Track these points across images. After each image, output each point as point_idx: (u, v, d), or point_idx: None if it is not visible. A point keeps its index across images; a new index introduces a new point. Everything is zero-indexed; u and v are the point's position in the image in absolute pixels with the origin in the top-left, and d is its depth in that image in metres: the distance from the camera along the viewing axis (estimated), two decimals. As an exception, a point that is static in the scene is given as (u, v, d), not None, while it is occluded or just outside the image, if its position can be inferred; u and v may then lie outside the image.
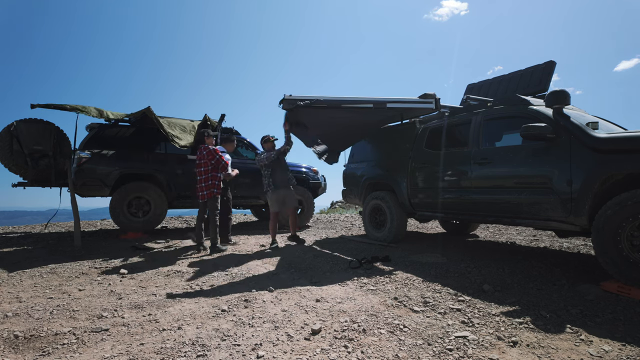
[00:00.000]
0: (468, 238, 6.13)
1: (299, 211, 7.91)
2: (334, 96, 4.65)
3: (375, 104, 4.70)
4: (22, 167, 6.13)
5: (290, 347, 2.20)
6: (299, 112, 4.87)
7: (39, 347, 2.25)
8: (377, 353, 2.10)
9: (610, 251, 2.99)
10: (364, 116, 5.08)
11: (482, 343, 2.20)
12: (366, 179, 6.10)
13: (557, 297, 2.96)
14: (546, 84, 4.77)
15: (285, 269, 4.13)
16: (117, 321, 2.64)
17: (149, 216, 6.50)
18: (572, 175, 3.30)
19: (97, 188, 6.20)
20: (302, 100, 4.52)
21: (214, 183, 5.15)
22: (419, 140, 5.21)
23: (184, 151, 6.81)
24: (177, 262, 4.55)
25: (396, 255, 4.65)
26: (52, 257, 4.87)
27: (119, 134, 6.63)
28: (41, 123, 6.18)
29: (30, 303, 3.07)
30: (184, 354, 2.11)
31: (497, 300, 2.95)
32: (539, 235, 6.18)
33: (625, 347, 2.11)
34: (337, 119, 5.07)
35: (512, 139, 4.11)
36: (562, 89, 3.61)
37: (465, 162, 4.35)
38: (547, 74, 4.80)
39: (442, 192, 4.69)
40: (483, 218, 4.27)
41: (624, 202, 2.90)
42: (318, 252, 5.06)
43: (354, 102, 4.70)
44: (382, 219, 5.75)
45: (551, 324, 2.45)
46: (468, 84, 6.04)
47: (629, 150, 2.97)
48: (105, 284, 3.64)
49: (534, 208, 3.63)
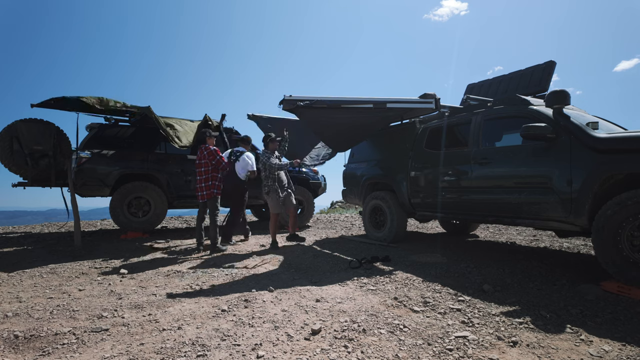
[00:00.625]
0: (468, 238, 6.13)
1: (299, 211, 7.94)
2: (334, 96, 4.65)
3: (375, 104, 4.70)
4: (22, 167, 6.13)
5: (290, 347, 2.20)
6: (299, 113, 4.87)
7: (39, 347, 2.25)
8: (377, 353, 2.10)
9: (610, 251, 2.99)
10: (365, 117, 5.08)
11: (482, 343, 2.20)
12: (366, 178, 6.10)
13: (557, 297, 2.96)
14: (546, 84, 4.77)
15: (285, 269, 4.13)
16: (117, 321, 2.64)
17: (149, 216, 6.50)
18: (572, 175, 3.29)
19: (97, 188, 6.19)
20: (302, 100, 4.52)
21: (214, 183, 5.16)
22: (419, 140, 5.20)
23: (184, 151, 6.82)
24: (177, 262, 4.55)
25: (396, 255, 4.65)
26: (52, 257, 4.87)
27: (119, 134, 6.63)
28: (41, 123, 6.18)
29: (30, 303, 3.07)
30: (184, 354, 2.11)
31: (497, 300, 2.95)
32: (539, 235, 6.18)
33: (625, 347, 2.11)
34: (337, 119, 5.07)
35: (512, 139, 4.10)
36: (562, 89, 3.61)
37: (466, 162, 4.35)
38: (547, 74, 4.80)
39: (442, 192, 4.69)
40: (483, 218, 4.27)
41: (624, 202, 2.89)
42: (318, 252, 5.06)
43: (354, 102, 4.70)
44: (382, 219, 5.75)
45: (551, 324, 2.45)
46: (468, 84, 6.05)
47: (629, 150, 2.97)
48: (105, 284, 3.64)
49: (534, 208, 3.63)
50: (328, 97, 4.62)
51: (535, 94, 4.70)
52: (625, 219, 2.89)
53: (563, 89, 3.61)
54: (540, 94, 4.72)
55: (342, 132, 5.58)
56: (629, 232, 2.91)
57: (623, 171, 3.03)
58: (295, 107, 4.56)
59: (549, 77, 4.78)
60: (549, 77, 4.78)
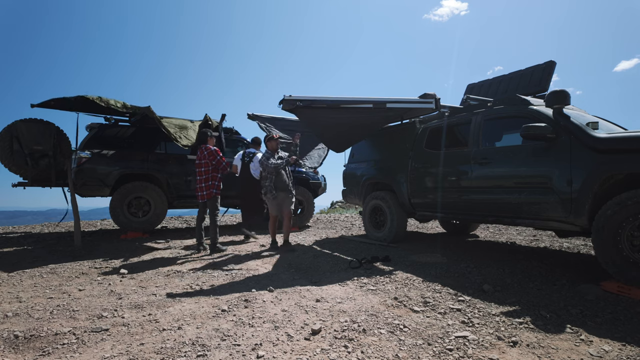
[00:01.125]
0: (468, 238, 6.13)
1: (299, 211, 7.95)
2: (334, 96, 4.65)
3: (375, 104, 4.69)
4: (22, 167, 6.14)
5: (290, 347, 2.19)
6: (298, 113, 4.87)
7: (39, 347, 2.24)
8: (377, 353, 2.10)
9: (610, 251, 2.99)
10: (365, 117, 5.08)
11: (482, 343, 2.20)
12: (366, 178, 6.10)
13: (557, 297, 2.96)
14: (546, 84, 4.77)
15: (285, 269, 4.14)
16: (117, 321, 2.64)
17: (149, 216, 6.50)
18: (572, 175, 3.29)
19: (97, 188, 6.20)
20: (302, 100, 4.52)
21: (214, 184, 5.15)
22: (419, 140, 5.21)
23: (184, 151, 6.83)
24: (177, 262, 4.55)
25: (396, 255, 4.65)
26: (52, 257, 4.87)
27: (119, 134, 6.63)
28: (41, 123, 6.19)
29: (30, 303, 3.07)
30: (184, 354, 2.11)
31: (497, 300, 2.95)
32: (539, 235, 6.18)
33: (625, 347, 2.11)
34: (337, 119, 5.06)
35: (512, 139, 4.10)
36: (562, 89, 3.61)
37: (466, 162, 4.35)
38: (547, 74, 4.80)
39: (442, 192, 4.69)
40: (483, 218, 4.27)
41: (624, 202, 2.89)
42: (318, 252, 5.06)
43: (354, 102, 4.70)
44: (382, 219, 5.75)
45: (551, 324, 2.45)
46: (468, 84, 6.05)
47: (629, 150, 2.97)
48: (105, 284, 3.64)
49: (534, 208, 3.63)
50: (327, 97, 4.62)
51: (535, 94, 4.70)
52: (625, 219, 2.89)
53: (563, 89, 3.61)
54: (540, 94, 4.72)
55: (342, 132, 5.57)
56: (629, 232, 2.91)
57: (623, 171, 3.03)
58: (294, 107, 4.56)
59: (549, 77, 4.78)
60: (549, 77, 4.78)
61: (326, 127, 5.46)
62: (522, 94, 4.66)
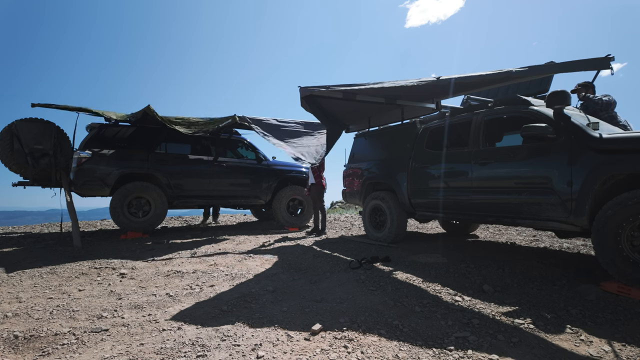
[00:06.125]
0: (468, 238, 6.13)
1: (299, 211, 8.01)
2: (349, 85, 4.53)
3: (387, 99, 4.85)
4: (23, 166, 6.14)
5: (290, 347, 2.19)
6: (312, 101, 4.92)
7: (39, 347, 2.25)
8: (377, 353, 2.09)
9: (610, 251, 2.98)
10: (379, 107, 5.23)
11: (482, 343, 2.20)
12: (366, 179, 6.10)
13: (557, 298, 2.96)
14: (547, 84, 4.77)
15: (285, 269, 4.13)
16: (117, 321, 2.64)
17: (149, 216, 6.50)
18: (573, 175, 3.29)
19: (98, 188, 6.20)
20: (318, 88, 4.55)
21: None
22: (419, 141, 5.20)
23: (184, 151, 6.85)
24: (177, 263, 4.55)
25: (396, 255, 4.65)
26: (52, 257, 4.87)
27: (119, 133, 6.63)
28: (41, 122, 6.20)
29: (30, 303, 3.06)
30: (184, 354, 2.11)
31: (497, 300, 2.95)
32: (539, 235, 6.18)
33: (625, 347, 2.11)
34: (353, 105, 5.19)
35: (513, 139, 4.10)
36: (562, 90, 3.60)
37: (466, 162, 4.35)
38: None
39: (442, 192, 4.69)
40: (483, 218, 4.27)
41: (624, 202, 2.89)
42: (318, 252, 5.06)
43: (368, 93, 4.67)
44: (382, 219, 5.74)
45: (551, 324, 2.45)
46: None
47: (629, 151, 2.97)
48: (105, 284, 3.64)
49: (534, 208, 3.63)
50: (343, 87, 4.50)
51: (536, 95, 4.70)
52: (625, 219, 2.89)
53: (564, 90, 3.60)
54: (540, 94, 4.71)
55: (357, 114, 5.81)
56: (629, 232, 2.91)
57: (623, 171, 3.03)
58: (309, 94, 4.59)
59: (549, 78, 4.78)
60: (549, 77, 4.78)
61: (344, 112, 5.70)
62: (522, 94, 4.66)
